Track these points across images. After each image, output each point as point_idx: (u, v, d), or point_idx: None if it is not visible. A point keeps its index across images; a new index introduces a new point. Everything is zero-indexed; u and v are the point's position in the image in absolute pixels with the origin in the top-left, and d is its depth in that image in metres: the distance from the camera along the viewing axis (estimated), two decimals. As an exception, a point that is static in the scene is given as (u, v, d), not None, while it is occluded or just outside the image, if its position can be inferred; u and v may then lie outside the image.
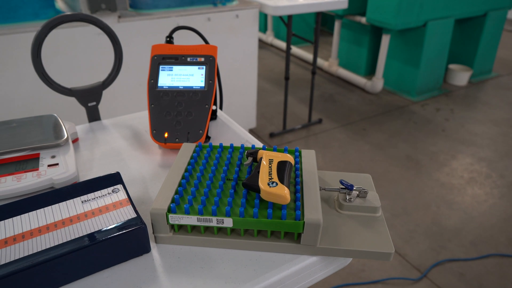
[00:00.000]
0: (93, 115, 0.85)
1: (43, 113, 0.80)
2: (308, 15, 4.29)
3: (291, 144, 2.44)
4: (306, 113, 2.77)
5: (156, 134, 0.71)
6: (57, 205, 0.53)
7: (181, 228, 0.52)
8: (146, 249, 0.50)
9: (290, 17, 2.28)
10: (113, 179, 0.58)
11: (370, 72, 3.47)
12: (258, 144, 0.74)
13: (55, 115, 0.74)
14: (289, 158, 0.56)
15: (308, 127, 2.64)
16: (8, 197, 0.59)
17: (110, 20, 1.73)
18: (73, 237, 0.47)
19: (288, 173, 0.53)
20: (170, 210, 0.50)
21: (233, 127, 0.83)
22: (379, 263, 1.62)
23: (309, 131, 2.60)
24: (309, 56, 3.76)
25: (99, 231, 0.48)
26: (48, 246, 0.46)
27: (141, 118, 0.86)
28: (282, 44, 4.17)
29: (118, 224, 0.49)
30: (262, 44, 4.42)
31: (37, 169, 0.61)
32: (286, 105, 2.47)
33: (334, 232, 0.52)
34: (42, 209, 0.52)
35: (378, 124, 2.68)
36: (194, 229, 0.52)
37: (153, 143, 0.76)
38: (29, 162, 0.62)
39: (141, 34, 1.85)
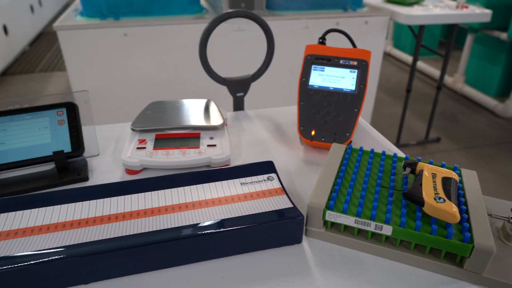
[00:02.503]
0: (239, 105, 0.90)
1: (178, 97, 0.87)
2: (435, 26, 4.00)
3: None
4: (423, 129, 2.59)
5: (303, 130, 0.73)
6: (219, 183, 0.57)
7: (333, 226, 0.53)
8: (298, 240, 0.52)
9: (422, 27, 2.15)
10: (267, 167, 0.61)
11: (502, 93, 3.10)
12: (400, 154, 0.71)
13: (212, 100, 0.80)
14: (454, 175, 0.53)
15: (424, 145, 2.47)
16: (173, 168, 0.66)
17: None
18: (233, 215, 0.51)
19: (454, 190, 0.50)
20: (328, 207, 0.50)
21: (373, 133, 0.81)
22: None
23: (424, 148, 2.43)
24: (430, 69, 3.50)
25: (259, 214, 0.51)
26: (206, 220, 0.50)
27: (281, 113, 0.89)
28: (401, 55, 3.96)
29: (276, 211, 0.51)
30: (379, 52, 4.25)
31: (198, 147, 0.67)
32: (404, 118, 2.34)
33: (500, 264, 0.48)
34: (201, 185, 0.57)
35: (509, 153, 2.39)
36: (346, 229, 0.52)
37: (295, 138, 0.78)
38: (191, 140, 0.69)
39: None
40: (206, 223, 0.49)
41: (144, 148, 0.67)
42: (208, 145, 0.68)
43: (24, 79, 3.14)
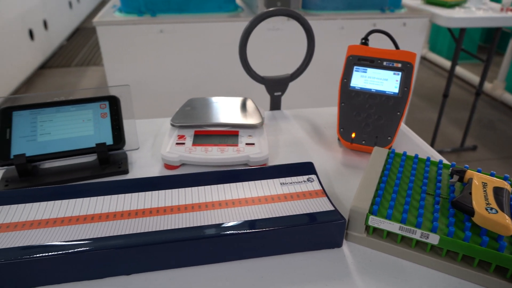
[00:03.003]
0: (276, 104, 0.90)
1: (211, 94, 0.87)
2: (474, 30, 3.86)
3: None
4: (459, 136, 2.51)
5: (343, 132, 0.71)
6: (258, 182, 0.57)
7: (374, 232, 0.51)
8: (338, 244, 0.51)
9: (462, 30, 2.08)
10: (307, 168, 0.60)
11: (545, 102, 2.96)
12: (444, 160, 0.68)
13: (251, 99, 0.80)
14: (506, 185, 0.50)
15: (459, 152, 2.38)
16: (211, 165, 0.66)
17: (280, 17, 1.82)
18: (273, 215, 0.50)
19: (507, 201, 0.48)
20: (371, 212, 0.49)
21: (414, 138, 0.79)
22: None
23: (459, 156, 2.35)
24: (468, 74, 3.38)
25: (300, 216, 0.50)
26: (246, 219, 0.49)
27: (318, 114, 0.87)
28: (437, 58, 3.85)
29: (317, 213, 0.50)
30: (413, 56, 4.14)
31: (237, 145, 0.67)
32: (439, 124, 2.27)
33: (556, 282, 0.45)
34: (240, 183, 0.57)
35: (549, 165, 2.27)
36: (388, 236, 0.50)
37: (333, 140, 0.77)
38: (230, 138, 0.69)
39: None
40: (246, 222, 0.49)
41: (183, 144, 0.67)
42: (247, 144, 0.68)
43: (61, 73, 3.25)
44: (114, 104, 0.70)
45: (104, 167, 0.65)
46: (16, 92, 2.78)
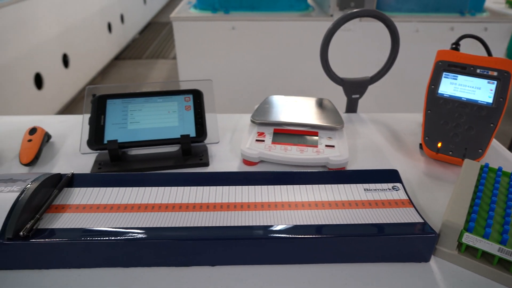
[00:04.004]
0: (352, 107, 0.87)
1: (280, 93, 0.86)
2: None
3: None
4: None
5: (429, 141, 0.68)
6: (341, 186, 0.56)
7: (467, 250, 0.48)
8: (426, 258, 0.48)
9: (554, 37, 1.90)
10: (392, 176, 0.58)
11: None
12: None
13: (329, 100, 0.79)
14: None
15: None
16: (290, 164, 0.66)
17: (353, 18, 1.78)
18: (357, 221, 0.49)
19: None
20: (466, 228, 0.46)
21: (504, 153, 0.73)
22: None
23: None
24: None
25: (387, 225, 0.48)
26: (330, 222, 0.49)
27: (398, 120, 0.84)
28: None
29: (405, 224, 0.48)
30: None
31: (316, 146, 0.66)
32: (517, 139, 2.10)
33: None
34: (323, 185, 0.56)
35: None
36: (483, 255, 0.47)
37: (414, 148, 0.73)
38: (309, 138, 0.68)
39: (380, 35, 1.84)
40: (331, 226, 0.48)
41: (263, 141, 0.68)
42: (326, 145, 0.67)
43: (133, 64, 3.44)
44: (197, 97, 0.73)
45: (186, 158, 0.68)
46: (93, 81, 2.98)
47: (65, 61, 2.50)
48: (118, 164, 0.66)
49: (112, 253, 0.46)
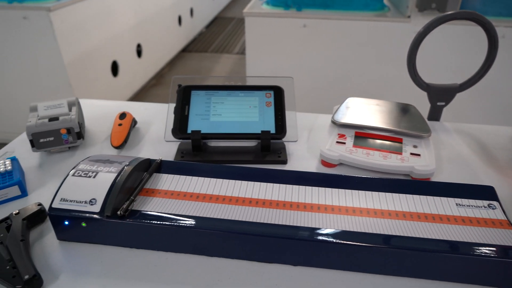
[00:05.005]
0: (436, 115, 0.83)
1: (350, 95, 0.82)
2: None
3: None
4: None
5: (528, 158, 0.62)
6: (430, 198, 0.53)
7: None
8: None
9: None
10: (488, 193, 0.54)
11: None
12: None
13: (414, 106, 0.75)
14: None
15: None
16: (371, 169, 0.64)
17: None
18: (450, 238, 0.46)
19: None
20: None
21: None
22: None
23: None
24: None
25: (482, 245, 0.45)
26: (417, 235, 0.46)
27: (487, 132, 0.78)
28: None
29: (505, 247, 0.45)
30: None
31: (401, 154, 0.64)
32: None
33: None
34: (410, 195, 0.54)
35: None
36: None
37: (506, 165, 0.68)
38: (393, 145, 0.66)
39: (462, 39, 1.73)
40: (421, 240, 0.46)
41: (344, 143, 0.66)
42: (411, 154, 0.64)
43: (198, 57, 3.54)
44: (278, 94, 0.73)
45: (265, 154, 0.68)
46: (162, 71, 3.11)
47: (139, 51, 2.63)
48: (199, 154, 0.68)
49: (199, 241, 0.48)
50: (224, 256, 0.48)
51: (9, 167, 0.59)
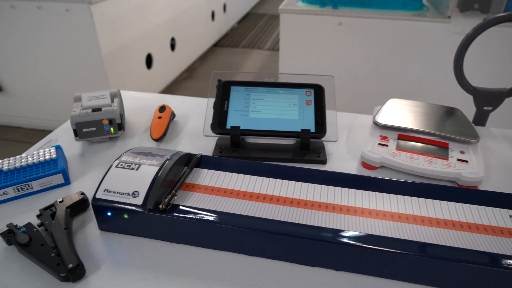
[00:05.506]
0: (481, 120, 0.79)
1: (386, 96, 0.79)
2: None
3: None
4: None
5: None
6: (481, 207, 0.50)
7: None
8: None
9: None
10: (542, 205, 0.51)
11: None
12: None
13: (460, 110, 0.72)
14: None
15: None
16: (415, 174, 0.61)
17: (475, 21, 1.62)
18: (496, 251, 0.44)
19: None
20: None
21: None
22: None
23: None
24: None
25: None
26: (472, 248, 0.44)
27: (537, 140, 0.74)
28: None
29: None
30: None
31: (447, 159, 0.61)
32: None
33: None
34: (455, 203, 0.51)
35: None
36: None
37: (561, 176, 0.64)
38: (438, 149, 0.63)
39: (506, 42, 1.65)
40: (481, 253, 0.43)
41: (386, 146, 0.64)
42: (458, 160, 0.61)
43: (230, 52, 3.55)
44: (319, 92, 0.71)
45: (304, 153, 0.67)
46: (193, 65, 3.14)
47: (172, 44, 2.66)
48: (238, 150, 0.67)
49: (240, 240, 0.47)
50: (264, 256, 0.47)
51: (54, 155, 0.61)
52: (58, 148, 0.63)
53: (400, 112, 0.71)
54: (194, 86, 2.83)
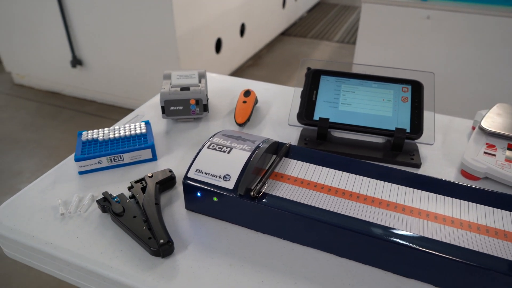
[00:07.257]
0: None
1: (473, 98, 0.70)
2: None
3: None
4: None
5: None
6: None
7: None
8: None
9: None
10: None
11: None
12: None
13: None
14: None
15: None
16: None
17: None
18: None
19: None
20: None
21: None
22: None
23: None
24: None
25: None
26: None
27: None
28: None
29: None
30: None
31: None
32: None
33: None
34: None
35: None
36: None
37: None
38: (556, 165, 0.55)
39: None
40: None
41: (494, 155, 0.57)
42: None
43: (297, 41, 3.49)
44: (417, 90, 0.66)
45: (396, 154, 0.62)
46: (260, 52, 3.13)
47: (242, 30, 2.66)
48: (324, 144, 0.64)
49: (331, 238, 0.44)
50: (355, 260, 0.44)
51: (144, 130, 0.62)
52: (147, 124, 0.64)
53: (511, 119, 0.63)
54: (259, 74, 2.82)
